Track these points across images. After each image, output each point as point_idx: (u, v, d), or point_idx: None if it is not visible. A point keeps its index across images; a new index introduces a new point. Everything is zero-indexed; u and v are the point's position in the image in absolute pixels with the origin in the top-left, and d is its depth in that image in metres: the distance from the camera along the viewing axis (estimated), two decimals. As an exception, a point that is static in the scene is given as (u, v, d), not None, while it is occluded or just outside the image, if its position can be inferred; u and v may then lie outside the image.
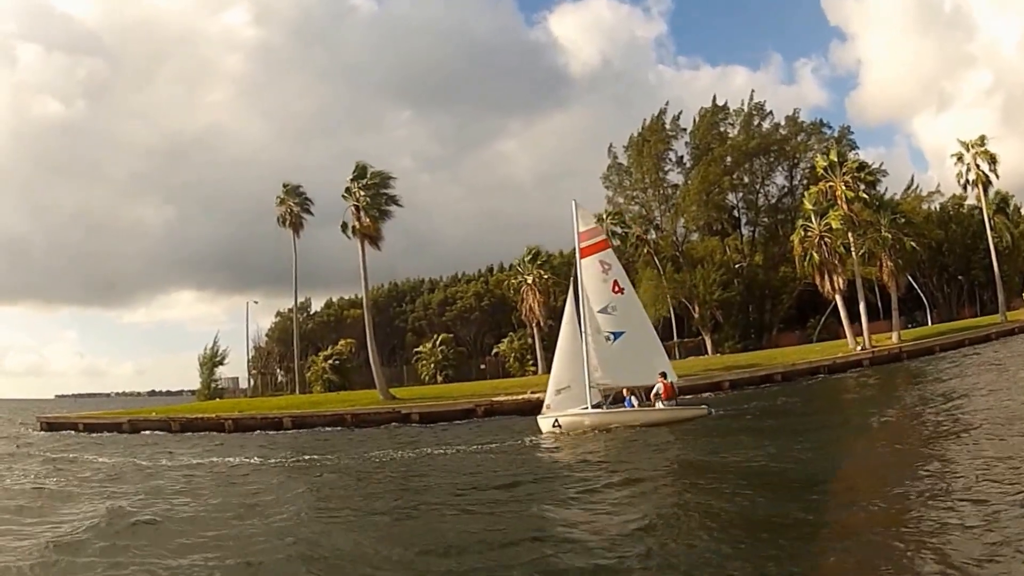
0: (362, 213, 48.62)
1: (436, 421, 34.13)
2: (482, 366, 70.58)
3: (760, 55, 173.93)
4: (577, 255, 27.26)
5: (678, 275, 63.03)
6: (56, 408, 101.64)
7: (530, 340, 64.00)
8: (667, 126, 67.02)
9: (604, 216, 64.28)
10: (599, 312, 26.09)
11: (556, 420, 24.75)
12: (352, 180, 49.51)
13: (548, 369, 54.94)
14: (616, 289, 26.50)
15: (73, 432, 40.01)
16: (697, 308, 62.48)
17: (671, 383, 24.94)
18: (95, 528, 11.91)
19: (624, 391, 25.53)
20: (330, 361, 68.71)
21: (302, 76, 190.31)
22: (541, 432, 24.84)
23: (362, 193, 48.75)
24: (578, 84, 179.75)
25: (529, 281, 61.12)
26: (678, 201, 65.96)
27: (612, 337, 25.78)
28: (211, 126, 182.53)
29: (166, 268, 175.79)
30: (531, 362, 64.06)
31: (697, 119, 66.94)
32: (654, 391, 24.91)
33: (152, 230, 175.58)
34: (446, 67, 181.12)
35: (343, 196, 49.79)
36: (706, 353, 60.43)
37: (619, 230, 64.61)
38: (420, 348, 71.45)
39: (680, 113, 67.40)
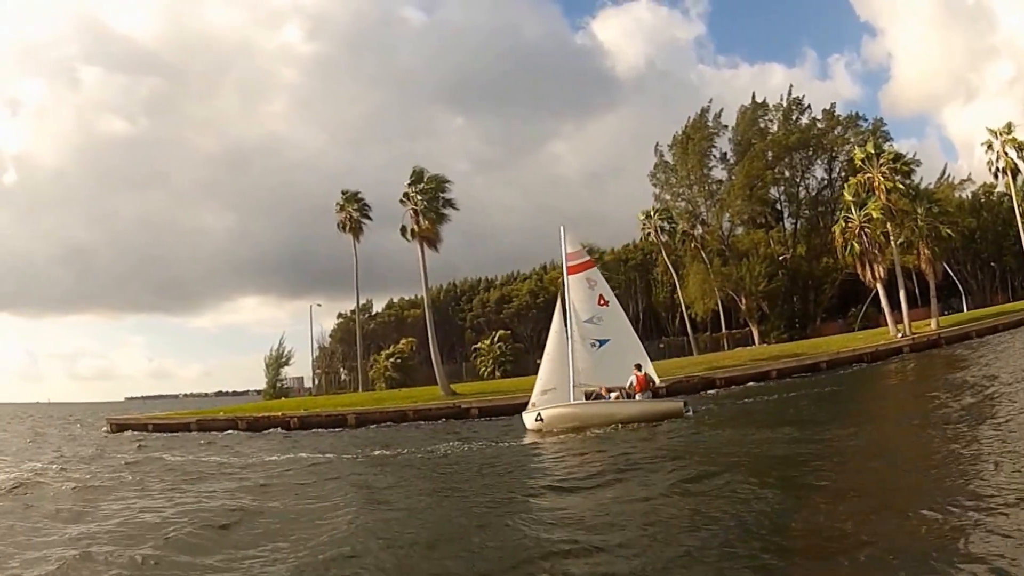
0: (420, 217, 49.57)
1: (495, 415, 35.05)
2: (538, 361, 68.78)
3: (795, 52, 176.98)
4: (565, 273, 29.15)
5: (725, 268, 64.42)
6: (126, 409, 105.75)
7: None
8: (710, 124, 68.56)
9: (653, 213, 67.06)
10: (585, 322, 27.76)
11: (538, 414, 26.28)
12: (409, 185, 50.59)
13: None
14: (601, 302, 28.25)
15: (143, 433, 41.13)
16: (744, 300, 63.81)
17: (644, 375, 26.07)
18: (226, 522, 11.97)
19: (603, 390, 26.74)
20: (392, 360, 72.18)
21: (356, 85, 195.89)
22: (525, 427, 26.56)
23: (419, 197, 49.80)
24: (625, 86, 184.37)
25: None
26: (723, 196, 67.26)
27: (598, 344, 27.50)
28: (269, 135, 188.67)
29: (230, 274, 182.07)
30: None
31: (738, 116, 68.51)
32: (628, 383, 26.07)
33: (215, 237, 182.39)
34: (496, 72, 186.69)
35: (401, 201, 50.76)
36: (753, 343, 61.37)
37: (667, 226, 66.57)
38: (479, 345, 74.07)
39: (722, 111, 69.01)
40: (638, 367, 26.00)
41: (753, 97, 69.45)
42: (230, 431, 37.95)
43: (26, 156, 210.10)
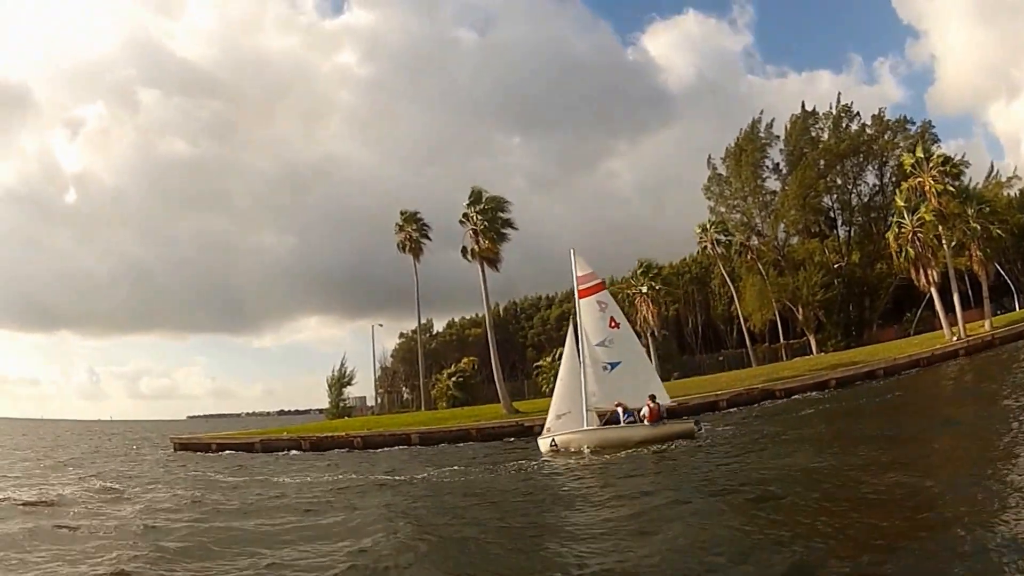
0: (480, 237, 50.23)
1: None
2: None
3: (841, 58, 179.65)
4: (576, 297, 30.02)
5: (781, 279, 65.10)
6: (189, 428, 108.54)
7: (645, 350, 65.50)
8: (761, 135, 69.20)
9: (708, 226, 67.42)
10: (597, 345, 28.52)
11: (553, 440, 27.09)
12: (468, 205, 51.44)
13: (665, 378, 57.71)
14: (612, 324, 28.92)
15: (206, 453, 41.68)
16: (801, 310, 64.06)
17: (657, 405, 26.49)
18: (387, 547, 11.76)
19: (616, 405, 27.32)
20: (454, 378, 71.78)
21: (412, 106, 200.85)
22: (541, 452, 27.07)
23: (479, 217, 50.50)
24: (677, 99, 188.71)
25: (643, 291, 63.10)
26: (777, 207, 67.85)
27: (609, 367, 28.16)
28: (327, 156, 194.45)
29: (292, 294, 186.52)
30: None
31: (789, 126, 69.00)
32: (641, 412, 26.68)
33: (277, 258, 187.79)
34: (551, 91, 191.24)
35: (460, 221, 51.50)
36: (811, 353, 61.77)
37: (723, 238, 67.06)
38: (540, 362, 72.26)
39: (773, 121, 69.75)
40: (652, 398, 26.58)
41: (803, 106, 69.92)
42: (294, 451, 38.69)
43: (86, 176, 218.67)
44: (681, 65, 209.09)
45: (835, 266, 66.26)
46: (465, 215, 51.78)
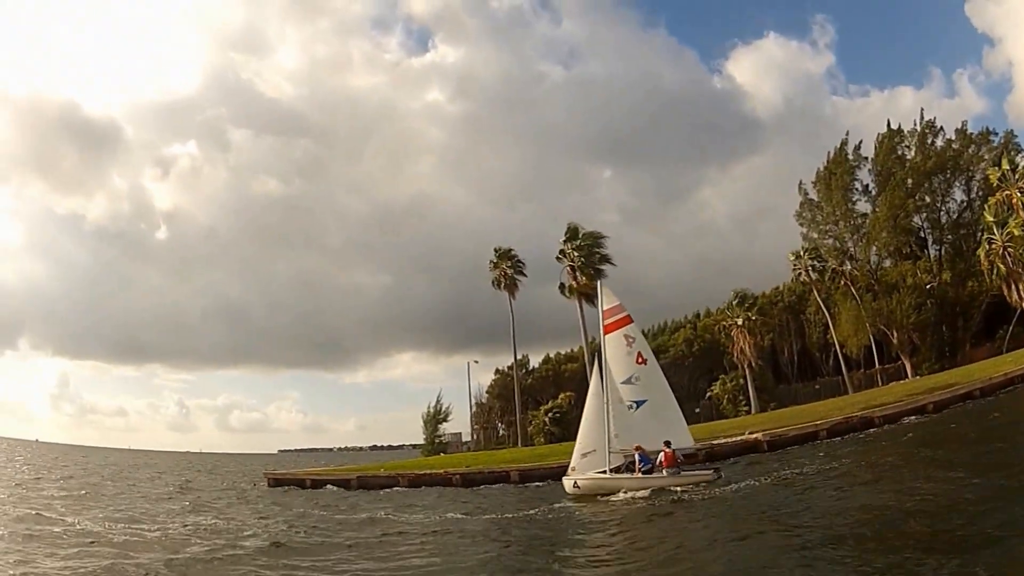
0: (577, 273, 51.83)
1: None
2: (696, 410, 69.34)
3: (921, 72, 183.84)
4: (601, 331, 30.07)
5: (875, 303, 64.54)
6: (280, 462, 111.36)
7: (742, 381, 66.43)
8: (850, 157, 69.04)
9: (802, 253, 67.88)
10: (622, 383, 28.53)
11: (575, 482, 27.48)
12: (564, 241, 53.22)
13: (762, 409, 59.00)
14: (640, 360, 28.82)
15: (300, 488, 42.78)
16: (895, 333, 63.58)
17: (673, 451, 26.45)
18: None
19: (635, 452, 27.21)
20: (551, 414, 72.63)
21: (502, 143, 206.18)
22: (566, 491, 27.59)
23: (576, 254, 52.18)
24: (765, 125, 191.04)
25: (739, 323, 64.24)
26: (868, 230, 67.26)
27: (635, 406, 28.19)
28: (419, 194, 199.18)
29: (385, 331, 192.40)
30: (744, 403, 66.50)
31: (876, 146, 68.80)
32: (657, 460, 26.65)
33: (370, 295, 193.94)
34: (640, 122, 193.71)
35: (557, 258, 53.47)
36: (906, 377, 60.98)
37: (816, 264, 67.95)
38: None
39: (861, 142, 69.66)
40: (667, 444, 26.55)
41: (888, 124, 69.71)
42: (393, 488, 39.41)
43: (178, 214, 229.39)
44: (767, 90, 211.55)
45: (927, 287, 65.91)
46: (562, 251, 53.62)
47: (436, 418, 75.84)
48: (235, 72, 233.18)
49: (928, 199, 67.41)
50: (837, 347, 65.87)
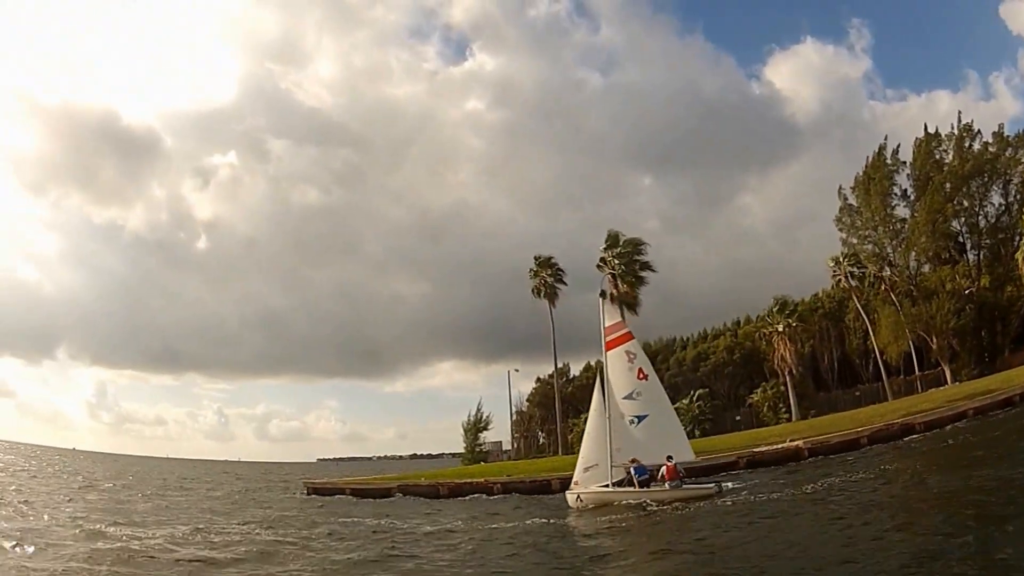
0: (619, 280, 52.27)
1: (700, 474, 33.83)
2: (737, 418, 72.63)
3: (958, 75, 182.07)
4: (603, 348, 30.87)
5: (915, 309, 64.08)
6: (319, 471, 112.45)
7: (782, 388, 66.70)
8: (888, 161, 68.46)
9: (841, 259, 67.84)
10: (624, 399, 29.47)
11: (578, 496, 28.50)
12: (605, 249, 53.58)
13: (802, 417, 59.55)
14: (641, 376, 29.71)
15: (340, 496, 43.32)
16: (935, 339, 63.06)
17: (674, 465, 27.24)
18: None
19: (631, 460, 28.19)
20: None
21: (541, 150, 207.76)
22: (569, 505, 28.52)
23: (616, 261, 52.63)
24: (804, 130, 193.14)
25: (780, 330, 64.61)
26: (908, 235, 66.65)
27: (636, 420, 29.15)
28: (459, 202, 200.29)
29: (425, 340, 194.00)
30: (784, 411, 66.56)
31: (914, 150, 68.12)
32: (660, 473, 27.39)
33: (410, 303, 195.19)
34: (680, 129, 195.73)
35: (598, 266, 53.66)
36: (945, 383, 60.68)
37: (856, 271, 68.11)
38: (677, 404, 72.52)
39: (899, 146, 69.10)
40: (669, 458, 27.42)
41: (925, 128, 68.98)
42: (433, 497, 39.90)
43: (218, 224, 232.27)
44: (805, 95, 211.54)
45: (966, 292, 65.79)
46: (603, 259, 53.92)
47: (476, 427, 76.36)
48: (273, 82, 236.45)
49: (966, 203, 66.92)
50: (877, 353, 65.89)
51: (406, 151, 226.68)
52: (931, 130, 68.31)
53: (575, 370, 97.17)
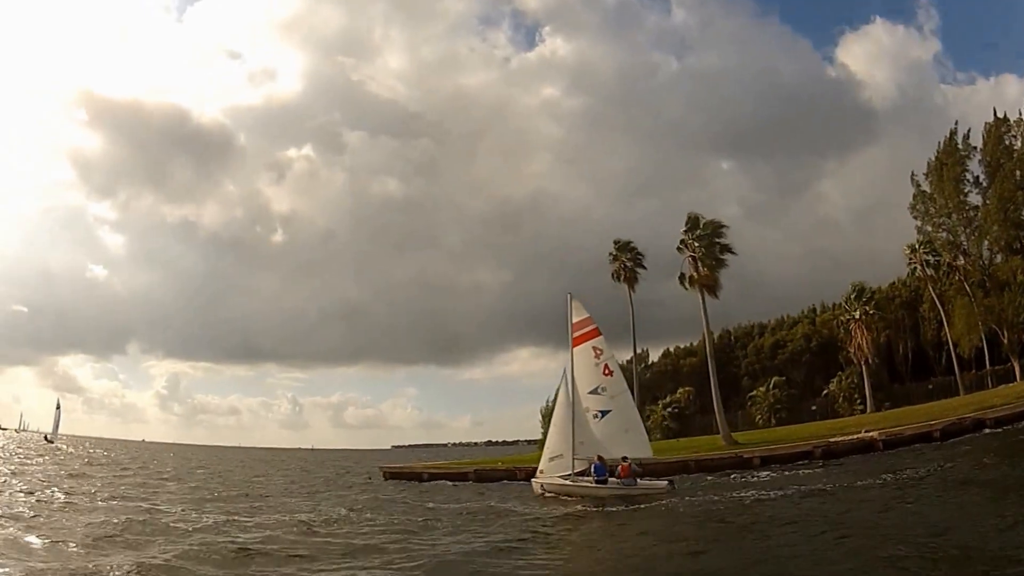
0: (699, 263, 53.24)
1: (775, 463, 36.16)
2: (812, 407, 73.75)
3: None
4: (570, 343, 32.45)
5: (987, 300, 63.88)
6: (394, 458, 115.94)
7: (857, 379, 68.58)
8: (960, 147, 68.72)
9: (917, 247, 69.29)
10: (589, 393, 31.30)
11: (542, 485, 30.51)
12: (685, 232, 54.57)
13: (877, 408, 61.66)
14: (606, 372, 31.51)
15: (417, 482, 44.33)
16: (1005, 333, 63.01)
17: (629, 464, 29.05)
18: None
19: (596, 457, 29.94)
20: (669, 409, 78.15)
21: (619, 137, 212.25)
22: (534, 492, 30.60)
23: (697, 244, 53.59)
24: (880, 114, 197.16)
25: (857, 317, 66.45)
26: (980, 223, 66.98)
27: (600, 415, 30.88)
28: (537, 191, 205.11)
29: (505, 327, 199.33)
30: (859, 401, 68.35)
31: (984, 135, 68.39)
32: (616, 471, 29.21)
33: (489, 292, 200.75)
34: (758, 114, 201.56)
35: (678, 248, 54.82)
36: (1015, 379, 60.68)
37: (931, 259, 68.43)
38: (754, 392, 77.06)
39: (969, 131, 69.44)
40: (624, 458, 29.47)
41: (995, 113, 69.23)
42: (507, 480, 41.51)
43: (295, 217, 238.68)
44: (879, 79, 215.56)
45: (1038, 284, 64.46)
46: (683, 242, 55.26)
47: (554, 412, 78.48)
48: (345, 75, 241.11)
49: (1037, 191, 66.14)
50: (950, 346, 66.03)
51: (482, 140, 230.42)
52: (1000, 115, 69.02)
53: (654, 356, 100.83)
